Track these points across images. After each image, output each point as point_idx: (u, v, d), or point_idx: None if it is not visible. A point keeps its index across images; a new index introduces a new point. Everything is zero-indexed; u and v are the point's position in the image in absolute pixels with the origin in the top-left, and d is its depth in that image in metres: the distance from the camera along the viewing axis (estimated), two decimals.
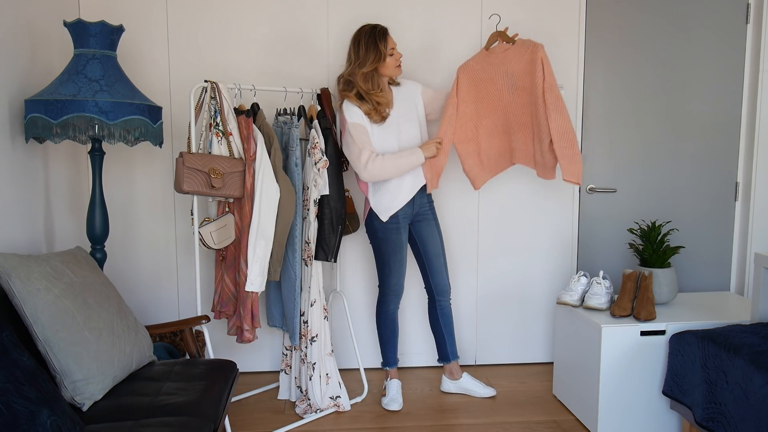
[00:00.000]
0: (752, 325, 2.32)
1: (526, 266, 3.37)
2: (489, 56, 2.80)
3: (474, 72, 2.81)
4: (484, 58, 2.80)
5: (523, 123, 2.79)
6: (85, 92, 2.21)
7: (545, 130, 2.67)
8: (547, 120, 2.64)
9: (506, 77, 2.77)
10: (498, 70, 2.77)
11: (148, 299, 3.18)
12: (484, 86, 2.81)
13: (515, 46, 2.74)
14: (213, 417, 1.90)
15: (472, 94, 2.83)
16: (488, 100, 2.82)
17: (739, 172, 3.40)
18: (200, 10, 3.05)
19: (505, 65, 2.76)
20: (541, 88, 2.65)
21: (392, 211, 2.76)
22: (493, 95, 2.81)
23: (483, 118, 2.85)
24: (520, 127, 2.80)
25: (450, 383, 3.00)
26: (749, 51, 3.32)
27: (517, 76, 2.74)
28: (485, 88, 2.81)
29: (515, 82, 2.76)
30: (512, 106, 2.79)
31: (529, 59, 2.70)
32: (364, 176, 2.66)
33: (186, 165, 2.44)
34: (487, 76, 2.79)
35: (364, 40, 2.66)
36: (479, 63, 2.81)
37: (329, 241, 2.71)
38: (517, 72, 2.74)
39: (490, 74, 2.79)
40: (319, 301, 2.75)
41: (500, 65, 2.77)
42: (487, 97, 2.82)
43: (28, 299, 1.81)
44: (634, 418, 2.54)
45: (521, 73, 2.73)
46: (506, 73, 2.76)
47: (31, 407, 1.53)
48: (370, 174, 2.65)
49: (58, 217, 2.71)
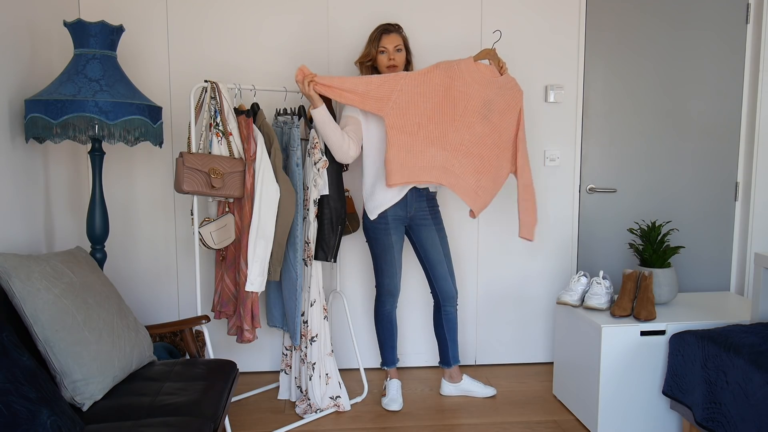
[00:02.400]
0: (752, 325, 2.32)
1: (526, 266, 3.37)
2: (476, 72, 2.67)
3: (454, 77, 2.63)
4: (470, 69, 2.66)
5: (472, 152, 2.66)
6: (85, 92, 2.21)
7: (499, 172, 2.71)
8: (515, 166, 2.74)
9: (482, 101, 2.65)
10: (478, 90, 2.64)
11: (148, 299, 3.18)
12: (455, 95, 2.63)
13: (502, 79, 2.71)
14: (213, 417, 1.90)
15: (439, 95, 2.61)
16: (451, 110, 2.62)
17: (739, 172, 3.40)
18: (200, 10, 3.05)
19: (487, 90, 2.65)
20: (514, 133, 2.71)
21: (380, 209, 2.75)
22: (458, 108, 2.63)
23: (434, 123, 2.62)
24: (467, 155, 2.66)
25: (450, 386, 3.00)
26: (749, 51, 3.32)
27: (491, 108, 2.67)
28: (455, 98, 2.63)
29: (486, 113, 2.65)
30: (470, 130, 2.65)
31: (509, 100, 2.69)
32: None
33: (186, 165, 2.44)
34: (466, 89, 2.63)
35: (370, 34, 2.76)
36: (463, 71, 2.65)
37: (329, 241, 2.71)
38: (493, 104, 2.67)
39: (470, 89, 2.63)
40: (318, 301, 2.75)
41: (483, 87, 2.65)
42: (451, 107, 2.62)
43: (28, 299, 1.81)
44: (634, 418, 2.54)
45: (496, 108, 2.68)
46: (484, 98, 2.65)
47: (31, 407, 1.53)
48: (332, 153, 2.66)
49: (58, 217, 2.71)
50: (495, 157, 2.71)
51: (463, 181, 2.68)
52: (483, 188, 2.70)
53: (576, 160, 3.31)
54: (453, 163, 2.66)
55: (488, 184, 2.71)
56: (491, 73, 2.71)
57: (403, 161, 2.61)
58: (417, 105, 2.61)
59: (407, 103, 2.61)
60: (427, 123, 2.62)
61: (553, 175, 3.31)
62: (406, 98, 2.61)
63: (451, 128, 2.64)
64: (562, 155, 3.30)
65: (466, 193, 2.69)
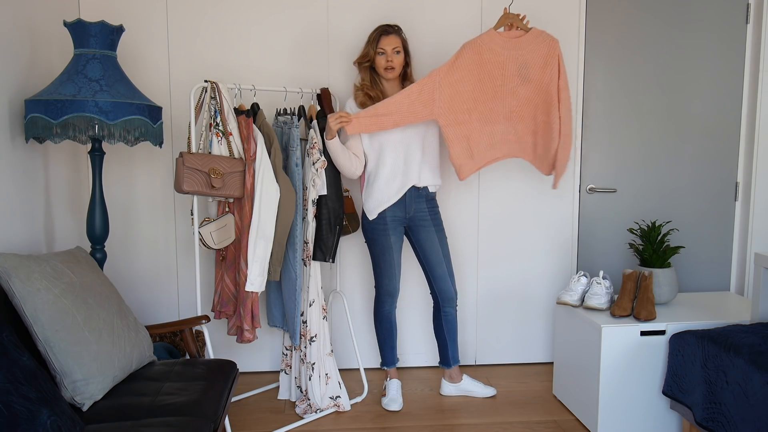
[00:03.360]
0: (752, 325, 2.32)
1: (526, 266, 3.37)
2: (500, 38, 2.60)
3: (482, 51, 2.58)
4: (493, 38, 2.60)
5: (523, 115, 2.66)
6: (85, 92, 2.21)
7: (553, 127, 2.61)
8: (559, 118, 2.60)
9: (516, 65, 2.61)
10: (509, 55, 2.60)
11: (148, 299, 3.18)
12: (489, 68, 2.60)
13: (529, 35, 2.62)
14: (213, 417, 1.90)
15: (474, 75, 2.59)
16: (491, 84, 2.61)
17: (739, 172, 3.40)
18: (200, 10, 3.05)
19: (517, 51, 2.60)
20: (556, 85, 2.61)
21: (379, 209, 2.75)
22: (497, 80, 2.61)
23: (480, 103, 2.63)
24: (520, 119, 2.67)
25: (450, 386, 3.00)
26: (749, 51, 3.32)
27: (528, 67, 2.61)
28: (490, 71, 2.60)
29: (525, 73, 2.61)
30: (514, 96, 2.65)
31: (545, 53, 2.60)
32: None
33: (186, 165, 2.44)
34: (496, 58, 2.58)
35: (369, 35, 2.75)
36: (488, 43, 2.59)
37: (327, 242, 2.71)
38: (529, 62, 2.61)
39: (500, 57, 2.58)
40: (317, 301, 2.75)
41: (512, 50, 2.59)
42: (490, 81, 2.61)
43: (28, 299, 1.81)
44: (634, 418, 2.54)
45: (533, 65, 2.61)
46: (517, 60, 2.60)
47: (31, 407, 1.53)
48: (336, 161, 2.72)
49: (58, 217, 2.71)
50: (545, 114, 2.65)
51: (523, 144, 2.67)
52: (541, 145, 2.66)
53: (576, 160, 3.31)
54: (510, 131, 2.66)
55: (547, 141, 2.65)
56: (514, 35, 2.64)
57: (468, 152, 2.64)
58: (459, 93, 2.59)
59: (450, 95, 2.60)
60: (474, 105, 2.61)
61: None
62: (447, 91, 2.60)
63: (497, 101, 2.63)
64: None
65: (528, 155, 2.68)
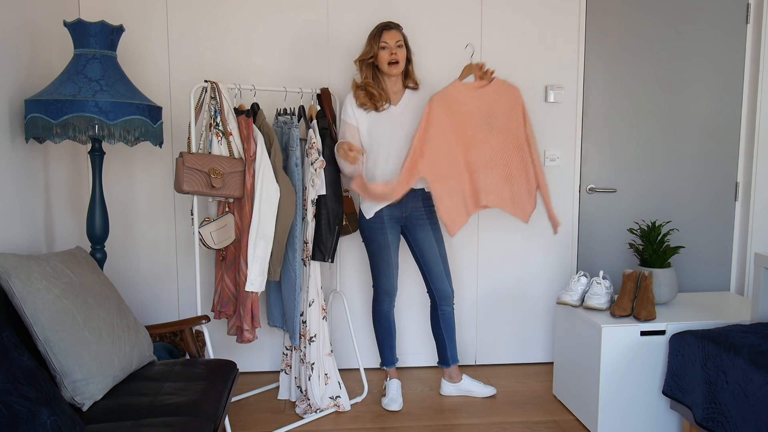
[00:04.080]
0: (752, 325, 2.32)
1: (526, 266, 3.37)
2: (466, 89, 2.63)
3: (450, 103, 2.59)
4: (460, 90, 2.63)
5: (498, 163, 2.68)
6: (85, 92, 2.21)
7: (528, 172, 2.70)
8: (534, 167, 2.70)
9: (484, 114, 2.64)
10: (477, 105, 2.63)
11: (148, 299, 3.18)
12: (460, 119, 2.62)
13: (493, 85, 2.67)
14: (213, 417, 1.90)
15: (447, 127, 2.59)
16: (463, 135, 2.63)
17: (739, 172, 3.40)
18: (200, 10, 3.05)
19: (483, 101, 2.64)
20: (524, 134, 2.68)
21: (375, 208, 2.76)
22: (468, 130, 2.63)
23: (458, 155, 2.63)
24: (495, 167, 2.68)
25: (450, 386, 3.00)
26: (749, 51, 3.32)
27: (495, 116, 2.65)
28: (461, 122, 2.62)
29: (493, 122, 2.65)
30: (487, 145, 2.66)
31: (509, 102, 2.67)
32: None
33: (186, 165, 2.44)
34: (465, 109, 2.61)
35: (370, 33, 2.74)
36: (455, 95, 2.61)
37: (326, 242, 2.71)
38: (495, 112, 2.66)
39: (468, 108, 2.61)
40: (317, 301, 2.75)
41: (479, 100, 2.63)
42: (462, 132, 2.62)
43: (28, 299, 1.81)
44: (634, 418, 2.54)
45: (500, 114, 2.66)
46: (484, 110, 2.64)
47: (31, 407, 1.53)
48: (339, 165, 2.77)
49: (58, 217, 2.71)
50: (519, 160, 2.70)
51: (501, 194, 2.70)
52: (517, 193, 2.71)
53: (576, 160, 3.32)
54: (488, 181, 2.68)
55: (521, 187, 2.71)
56: (480, 84, 2.69)
57: (456, 206, 2.65)
58: (437, 147, 2.59)
59: (432, 152, 2.60)
60: (453, 158, 2.62)
61: (553, 175, 3.31)
62: (429, 149, 2.59)
63: (472, 151, 2.65)
64: (562, 155, 3.30)
65: (505, 204, 2.72)
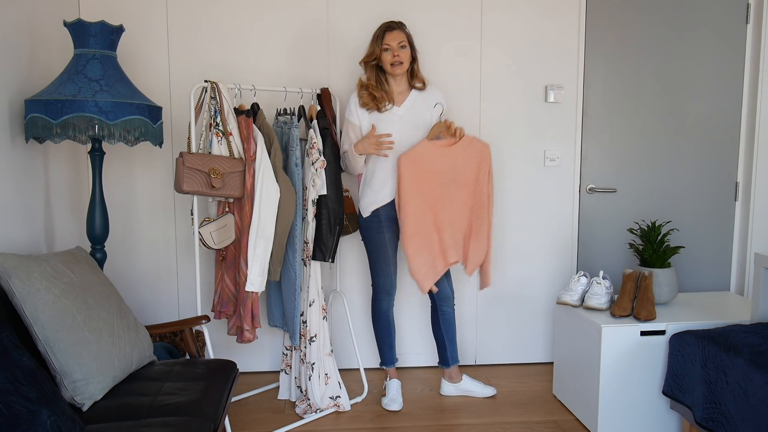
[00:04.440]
0: (752, 325, 2.32)
1: (526, 266, 3.37)
2: (434, 147, 2.68)
3: (418, 162, 2.65)
4: (427, 149, 2.67)
5: (462, 220, 2.74)
6: (85, 92, 2.21)
7: (482, 231, 2.75)
8: (488, 223, 2.76)
9: (451, 172, 2.70)
10: (444, 163, 2.68)
11: (148, 299, 3.18)
12: (427, 178, 2.67)
13: (462, 142, 2.71)
14: (213, 417, 1.90)
15: (415, 186, 2.66)
16: (431, 193, 2.69)
17: (739, 172, 3.40)
18: (200, 10, 3.05)
19: (451, 159, 2.69)
20: (486, 190, 2.73)
21: (373, 207, 2.76)
22: (436, 189, 2.69)
23: (426, 213, 2.69)
24: (453, 224, 2.74)
25: (450, 386, 3.00)
26: (749, 51, 3.32)
27: (459, 173, 2.71)
28: (429, 180, 2.67)
29: (459, 179, 2.70)
30: (453, 202, 2.72)
31: (478, 159, 2.72)
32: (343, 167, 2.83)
33: (186, 165, 2.44)
34: (432, 168, 2.66)
35: (374, 33, 2.75)
36: (423, 154, 2.66)
37: (327, 242, 2.71)
38: (463, 169, 2.71)
39: (436, 166, 2.67)
40: (317, 301, 2.75)
41: (446, 158, 2.68)
42: (430, 190, 2.68)
43: (28, 299, 1.81)
44: (634, 418, 2.54)
45: (467, 171, 2.71)
46: (452, 168, 2.69)
47: (31, 407, 1.53)
48: (343, 165, 2.81)
49: (58, 217, 2.71)
50: (478, 218, 2.77)
51: (461, 250, 2.79)
52: (473, 250, 2.78)
53: (576, 160, 3.32)
54: (454, 237, 2.76)
55: (479, 243, 2.78)
56: (448, 142, 2.72)
57: (425, 264, 2.71)
58: (407, 205, 2.67)
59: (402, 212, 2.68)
60: (422, 216, 2.70)
61: (553, 175, 3.31)
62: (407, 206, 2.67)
63: (439, 208, 2.73)
64: (562, 155, 3.30)
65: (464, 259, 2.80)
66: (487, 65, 3.22)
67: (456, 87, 3.20)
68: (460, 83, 3.21)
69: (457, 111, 3.18)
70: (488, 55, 3.22)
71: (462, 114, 3.22)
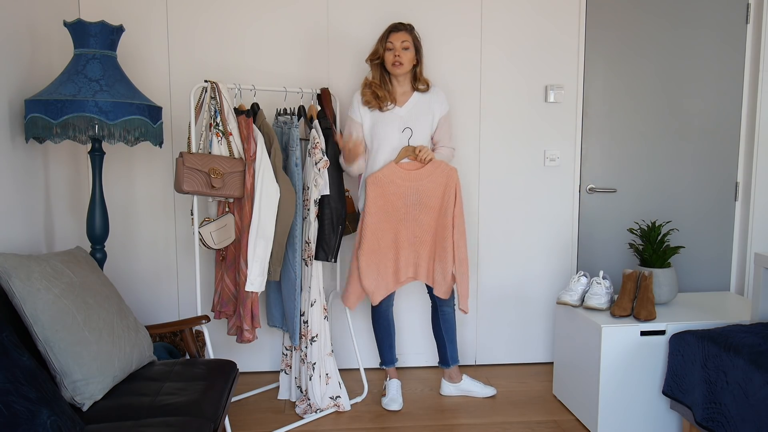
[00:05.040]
0: (752, 325, 2.32)
1: (526, 266, 3.37)
2: (401, 170, 2.74)
3: (384, 184, 2.73)
4: (394, 171, 2.73)
5: (425, 240, 2.79)
6: (85, 92, 2.21)
7: (447, 252, 2.77)
8: (453, 243, 2.77)
9: (417, 194, 2.75)
10: (410, 186, 2.74)
11: (148, 299, 3.18)
12: (393, 200, 2.74)
13: (429, 166, 2.74)
14: (213, 417, 1.90)
15: (380, 207, 2.74)
16: (395, 214, 2.76)
17: (739, 172, 3.40)
18: (200, 10, 3.05)
19: (417, 182, 2.74)
20: (452, 213, 2.77)
21: None
22: (400, 210, 2.75)
23: (387, 232, 2.77)
24: (422, 245, 2.80)
25: (450, 386, 3.00)
26: (749, 51, 3.32)
27: (425, 195, 2.75)
28: (394, 202, 2.74)
29: (425, 200, 2.75)
30: (417, 223, 2.77)
31: (444, 182, 2.76)
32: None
33: (186, 165, 2.44)
34: (398, 190, 2.73)
35: (382, 33, 2.76)
36: (389, 176, 2.73)
37: (330, 242, 2.71)
38: (429, 191, 2.75)
39: (401, 189, 2.73)
40: (319, 301, 2.75)
41: (413, 181, 2.74)
42: (394, 211, 2.75)
43: (28, 299, 1.81)
44: (634, 418, 2.54)
45: (433, 194, 2.75)
46: (417, 190, 2.74)
47: (31, 407, 1.53)
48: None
49: (58, 217, 2.71)
50: (442, 239, 2.79)
51: (427, 271, 2.83)
52: (439, 271, 2.81)
53: (576, 160, 3.32)
54: (413, 256, 2.81)
55: (442, 265, 2.80)
56: (415, 165, 2.76)
57: (376, 279, 2.79)
58: (368, 225, 2.75)
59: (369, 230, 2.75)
60: (382, 235, 2.77)
61: (553, 175, 3.31)
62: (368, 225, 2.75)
63: (401, 228, 2.78)
64: (562, 155, 3.30)
65: (429, 279, 2.84)
66: (487, 65, 3.22)
67: (456, 87, 3.20)
68: (460, 83, 3.21)
69: (457, 111, 3.18)
70: (488, 55, 3.22)
71: (462, 114, 3.22)
